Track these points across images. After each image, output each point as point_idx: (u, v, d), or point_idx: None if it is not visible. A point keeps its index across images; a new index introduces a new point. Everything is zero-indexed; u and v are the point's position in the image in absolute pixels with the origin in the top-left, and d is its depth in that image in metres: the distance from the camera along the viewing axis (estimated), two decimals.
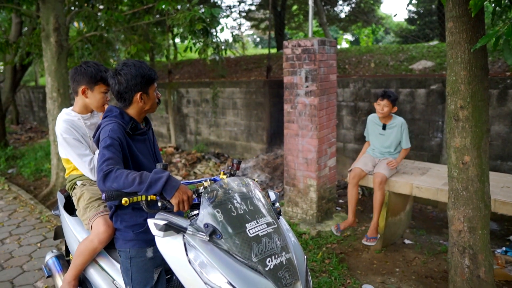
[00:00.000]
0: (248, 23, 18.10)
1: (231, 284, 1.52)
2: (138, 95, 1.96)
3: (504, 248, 3.82)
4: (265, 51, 10.94)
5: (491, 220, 4.38)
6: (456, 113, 2.61)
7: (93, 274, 2.25)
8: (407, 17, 18.27)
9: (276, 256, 1.63)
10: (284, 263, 1.64)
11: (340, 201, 5.36)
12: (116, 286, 2.15)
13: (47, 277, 2.60)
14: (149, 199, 1.73)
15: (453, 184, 2.73)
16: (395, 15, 19.87)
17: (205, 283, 1.56)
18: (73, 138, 2.33)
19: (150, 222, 1.61)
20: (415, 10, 17.31)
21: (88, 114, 2.49)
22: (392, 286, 3.38)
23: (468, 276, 2.72)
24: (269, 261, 1.60)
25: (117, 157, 1.80)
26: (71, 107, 2.52)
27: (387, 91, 3.97)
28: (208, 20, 5.23)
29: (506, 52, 1.74)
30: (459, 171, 2.67)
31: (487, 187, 2.69)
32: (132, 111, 2.01)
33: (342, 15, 15.33)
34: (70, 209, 2.72)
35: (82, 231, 2.44)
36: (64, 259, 2.67)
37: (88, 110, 2.48)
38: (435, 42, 9.60)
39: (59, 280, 2.49)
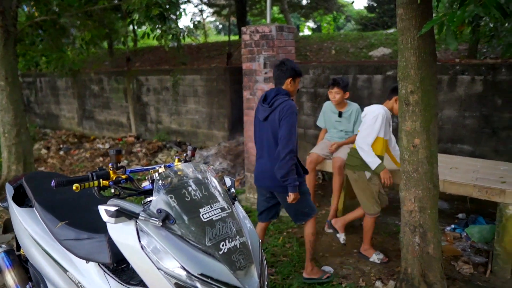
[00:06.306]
0: (210, 10, 17.79)
1: (184, 269, 1.51)
2: (289, 80, 2.92)
3: (453, 226, 4.05)
4: (228, 37, 10.83)
5: (442, 200, 4.62)
6: (406, 97, 2.70)
7: (44, 266, 2.18)
8: (366, 5, 18.61)
9: (230, 240, 1.64)
10: (238, 246, 1.65)
11: None
12: (70, 278, 2.09)
13: None
14: (101, 185, 1.71)
15: (405, 166, 2.84)
16: (352, 2, 20.18)
17: (159, 269, 1.55)
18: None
19: (101, 209, 1.57)
20: None
21: None
22: (350, 267, 3.49)
23: (418, 253, 2.86)
24: (222, 245, 1.61)
25: None
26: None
27: (336, 79, 4.03)
28: (166, 5, 5.10)
29: (448, 38, 1.81)
30: (410, 154, 2.78)
31: (436, 168, 2.82)
32: None
33: (304, 2, 15.38)
34: (20, 200, 2.60)
35: (33, 223, 2.34)
36: (14, 254, 2.56)
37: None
38: (392, 30, 9.86)
39: (8, 276, 2.40)
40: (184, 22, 39.37)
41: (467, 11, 1.71)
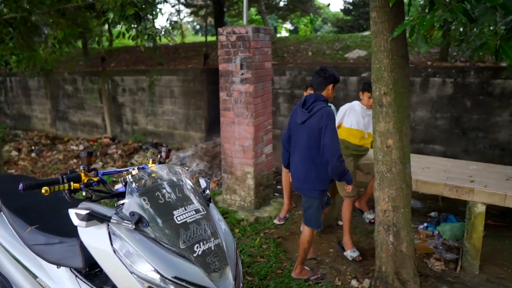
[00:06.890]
0: (187, 10, 17.65)
1: (157, 272, 1.50)
2: (331, 85, 3.03)
3: (425, 224, 4.15)
4: (205, 38, 10.78)
5: (415, 199, 4.72)
6: (380, 99, 2.76)
7: (13, 273, 2.11)
8: (343, 7, 18.85)
9: (205, 242, 1.63)
10: (213, 248, 1.64)
11: (278, 187, 5.47)
12: (40, 284, 2.03)
13: None
14: (72, 187, 1.67)
15: (379, 166, 2.89)
16: (328, 5, 20.45)
17: (132, 273, 1.52)
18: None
19: (71, 212, 1.54)
20: (350, 1, 17.93)
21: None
22: (326, 267, 3.53)
23: (392, 251, 2.92)
24: (197, 247, 1.60)
25: None
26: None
27: None
28: (142, 5, 5.02)
29: (419, 41, 1.86)
30: (383, 154, 2.83)
31: (408, 168, 2.88)
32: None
33: (281, 4, 15.45)
34: None
35: (1, 228, 2.27)
36: None
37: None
38: (368, 32, 10.04)
39: None
40: (160, 22, 38.94)
41: (436, 16, 1.76)
